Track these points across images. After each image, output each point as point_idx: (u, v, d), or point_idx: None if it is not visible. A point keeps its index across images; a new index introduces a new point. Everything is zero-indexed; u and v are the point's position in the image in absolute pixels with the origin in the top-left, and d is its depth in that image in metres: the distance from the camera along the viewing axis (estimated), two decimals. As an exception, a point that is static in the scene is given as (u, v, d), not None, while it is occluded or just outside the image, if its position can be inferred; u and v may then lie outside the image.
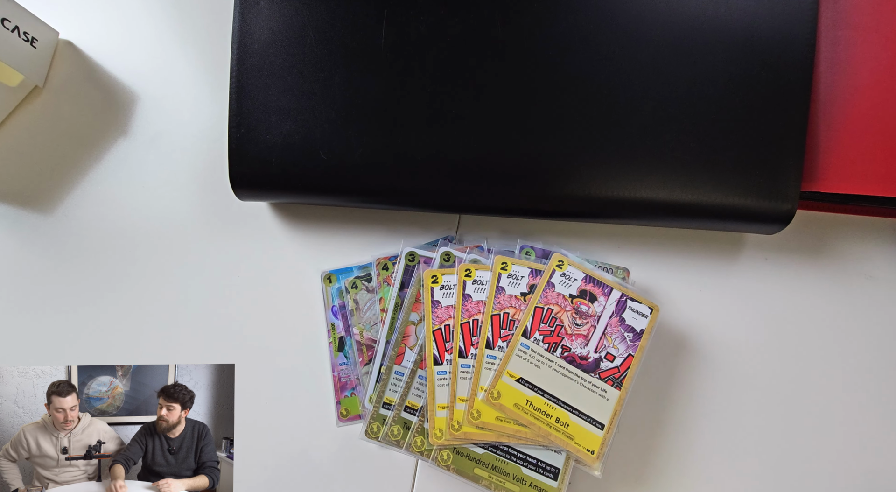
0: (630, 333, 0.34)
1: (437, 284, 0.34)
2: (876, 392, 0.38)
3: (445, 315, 0.34)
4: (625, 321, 0.34)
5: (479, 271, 0.34)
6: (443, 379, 0.33)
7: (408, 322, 0.35)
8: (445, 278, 0.34)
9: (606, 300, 0.34)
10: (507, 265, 0.34)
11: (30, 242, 0.38)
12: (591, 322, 0.33)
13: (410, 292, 0.35)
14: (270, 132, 0.33)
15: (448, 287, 0.34)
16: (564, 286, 0.34)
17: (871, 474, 0.38)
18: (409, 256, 0.36)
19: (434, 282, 0.34)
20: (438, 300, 0.34)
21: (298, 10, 0.33)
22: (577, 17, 0.34)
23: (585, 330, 0.33)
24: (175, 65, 0.39)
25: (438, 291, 0.34)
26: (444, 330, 0.34)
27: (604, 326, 0.33)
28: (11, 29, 0.34)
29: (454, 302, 0.34)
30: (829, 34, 0.35)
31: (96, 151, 0.38)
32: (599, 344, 0.33)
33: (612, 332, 0.33)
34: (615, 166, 0.34)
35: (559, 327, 0.33)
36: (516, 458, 0.33)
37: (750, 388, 0.38)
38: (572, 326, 0.33)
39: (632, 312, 0.34)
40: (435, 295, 0.34)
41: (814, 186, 0.35)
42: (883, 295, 0.39)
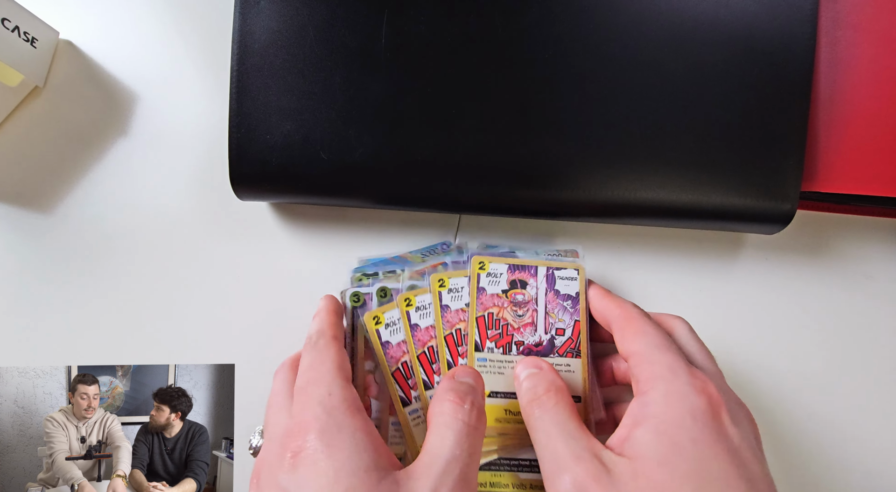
0: (568, 301, 0.33)
1: (381, 324, 0.33)
2: (876, 392, 0.38)
3: (399, 353, 0.33)
4: (560, 292, 0.33)
5: (418, 297, 0.33)
6: (416, 417, 0.32)
7: (364, 373, 0.33)
8: (387, 315, 0.33)
9: (536, 280, 0.33)
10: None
11: (30, 242, 0.38)
12: (531, 307, 0.33)
13: (358, 341, 0.33)
14: (270, 132, 0.33)
15: (393, 323, 0.33)
16: (494, 285, 0.33)
17: (872, 474, 0.38)
18: (353, 298, 0.34)
19: (377, 323, 0.33)
20: (388, 341, 0.33)
21: (298, 10, 0.33)
22: (578, 17, 0.34)
23: (529, 317, 0.33)
24: (175, 65, 0.39)
25: (385, 331, 0.33)
26: (402, 368, 0.33)
27: (544, 306, 0.33)
28: (11, 29, 0.34)
29: (403, 337, 0.33)
30: (829, 34, 0.35)
31: (96, 151, 0.38)
32: (546, 324, 0.33)
33: (553, 307, 0.33)
34: (615, 166, 0.34)
35: (505, 326, 0.33)
36: (509, 466, 0.32)
37: (749, 388, 0.38)
38: (516, 319, 0.33)
39: (562, 281, 0.33)
40: (382, 336, 0.33)
41: (814, 185, 0.35)
42: (883, 295, 0.39)
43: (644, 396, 0.27)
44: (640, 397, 0.27)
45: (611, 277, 0.39)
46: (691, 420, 0.25)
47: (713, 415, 0.26)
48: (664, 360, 0.27)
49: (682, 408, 0.25)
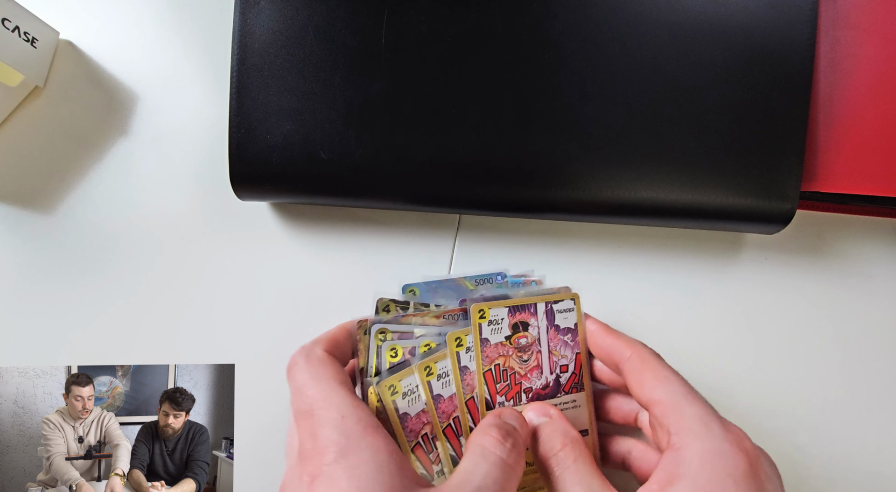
0: (568, 334, 0.32)
1: (399, 395, 0.30)
2: (876, 392, 0.38)
3: (418, 425, 0.30)
4: (560, 327, 0.32)
5: (439, 363, 0.30)
6: None
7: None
8: (405, 383, 0.30)
9: (537, 319, 0.32)
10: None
11: (30, 242, 0.38)
12: (534, 349, 0.31)
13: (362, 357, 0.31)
14: (270, 132, 0.33)
15: (412, 391, 0.30)
16: (497, 333, 0.31)
17: (872, 474, 0.38)
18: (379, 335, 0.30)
19: (393, 393, 0.30)
20: (406, 412, 0.30)
21: (298, 10, 0.33)
22: (578, 17, 0.34)
23: (534, 359, 0.31)
24: (175, 65, 0.39)
25: (402, 401, 0.30)
26: (423, 442, 0.30)
27: (546, 345, 0.32)
28: (11, 29, 0.34)
29: (423, 406, 0.30)
30: (829, 34, 0.35)
31: (96, 151, 0.38)
32: (551, 364, 0.32)
33: (555, 344, 0.32)
34: (615, 166, 0.34)
35: (513, 375, 0.31)
36: None
37: (749, 388, 0.38)
38: (522, 365, 0.31)
39: (561, 315, 0.32)
40: (399, 407, 0.30)
41: (814, 185, 0.35)
42: (883, 295, 0.39)
43: (678, 452, 0.26)
44: (674, 452, 0.26)
45: (611, 277, 0.39)
46: (733, 483, 0.24)
47: (753, 475, 0.25)
48: (694, 412, 0.26)
49: (722, 469, 0.25)
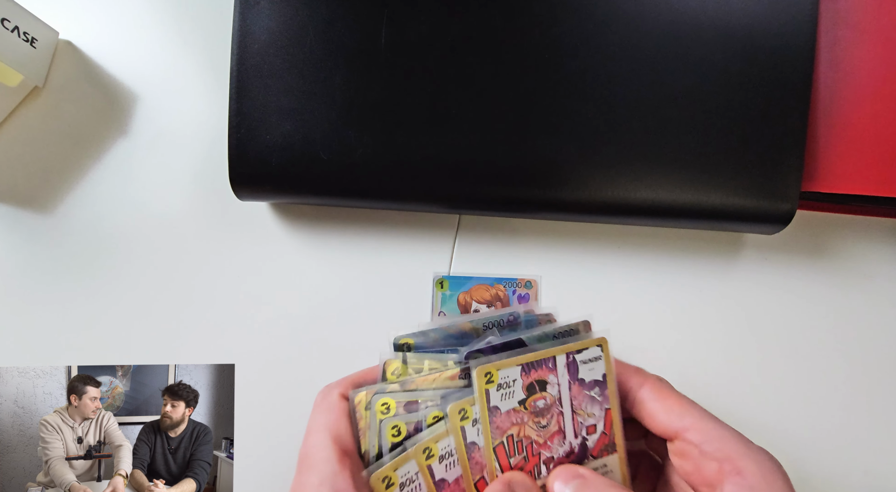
0: (595, 389, 0.27)
1: (395, 487, 0.26)
2: (876, 392, 0.38)
3: None
4: (584, 381, 0.27)
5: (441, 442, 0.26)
6: None
7: None
8: (401, 472, 0.26)
9: (557, 375, 0.26)
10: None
11: (30, 242, 0.38)
12: (555, 411, 0.26)
13: None
14: (270, 132, 0.33)
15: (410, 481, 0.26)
16: (508, 398, 0.26)
17: (871, 474, 0.38)
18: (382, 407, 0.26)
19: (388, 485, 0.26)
20: None
21: (298, 10, 0.33)
22: (578, 17, 0.34)
23: (555, 423, 0.26)
24: (175, 65, 0.39)
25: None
26: None
27: (569, 404, 0.27)
28: (11, 29, 0.34)
29: None
30: (829, 34, 0.35)
31: (96, 151, 0.38)
32: (576, 426, 0.27)
33: (580, 402, 0.27)
34: (615, 166, 0.34)
35: (529, 446, 0.26)
36: None
37: (749, 388, 0.38)
38: (540, 432, 0.26)
39: (585, 366, 0.27)
40: None
41: (814, 185, 0.35)
42: (883, 295, 0.39)
43: (743, 477, 0.25)
44: (739, 477, 0.25)
45: (611, 277, 0.39)
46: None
47: (790, 482, 0.26)
48: (731, 434, 0.26)
49: (780, 486, 0.25)
